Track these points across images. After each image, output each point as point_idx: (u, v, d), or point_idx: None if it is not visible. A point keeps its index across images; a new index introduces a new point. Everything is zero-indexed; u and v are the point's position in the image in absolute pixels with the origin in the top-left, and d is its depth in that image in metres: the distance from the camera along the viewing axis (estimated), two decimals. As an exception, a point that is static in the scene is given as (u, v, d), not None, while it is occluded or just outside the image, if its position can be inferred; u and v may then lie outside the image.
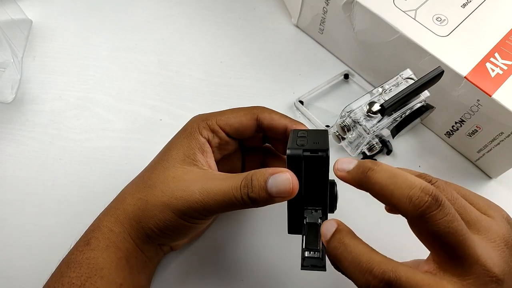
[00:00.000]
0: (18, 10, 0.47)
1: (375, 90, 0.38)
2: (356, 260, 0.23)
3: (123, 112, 0.44)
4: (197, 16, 0.51)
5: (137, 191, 0.29)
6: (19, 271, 0.36)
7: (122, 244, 0.29)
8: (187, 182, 0.28)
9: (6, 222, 0.38)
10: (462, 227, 0.22)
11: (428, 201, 0.22)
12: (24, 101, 0.44)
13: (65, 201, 0.39)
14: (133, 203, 0.29)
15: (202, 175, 0.28)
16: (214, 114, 0.32)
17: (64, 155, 0.41)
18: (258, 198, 0.26)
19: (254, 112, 0.32)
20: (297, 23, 0.50)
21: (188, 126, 0.32)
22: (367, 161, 0.25)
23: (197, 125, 0.31)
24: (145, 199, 0.28)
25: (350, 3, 0.41)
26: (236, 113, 0.32)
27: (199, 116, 0.32)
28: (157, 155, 0.32)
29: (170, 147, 0.31)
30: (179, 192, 0.27)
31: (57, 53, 0.47)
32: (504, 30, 0.39)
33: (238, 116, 0.32)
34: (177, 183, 0.28)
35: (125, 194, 0.31)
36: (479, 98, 0.37)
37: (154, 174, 0.29)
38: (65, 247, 0.37)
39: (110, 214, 0.30)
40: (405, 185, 0.23)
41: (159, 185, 0.28)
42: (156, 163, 0.31)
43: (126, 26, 0.50)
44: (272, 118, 0.32)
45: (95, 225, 0.30)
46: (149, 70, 0.47)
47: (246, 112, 0.32)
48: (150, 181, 0.29)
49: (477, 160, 0.42)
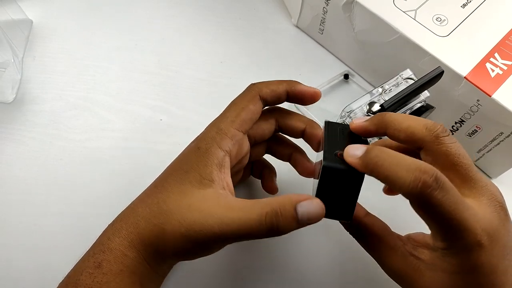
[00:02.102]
0: (19, 10, 0.47)
1: (375, 90, 0.38)
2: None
3: (123, 112, 0.44)
4: (197, 16, 0.51)
5: (153, 216, 0.27)
6: (19, 271, 0.36)
7: (137, 269, 0.27)
8: (204, 214, 0.26)
9: (6, 222, 0.38)
10: (460, 200, 0.23)
11: (430, 183, 0.23)
12: (25, 101, 0.44)
13: (65, 201, 0.39)
14: (149, 229, 0.27)
15: (219, 204, 0.27)
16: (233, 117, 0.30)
17: (64, 155, 0.41)
18: (286, 230, 0.25)
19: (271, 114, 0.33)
20: (297, 23, 0.50)
21: (206, 136, 0.29)
22: (373, 148, 0.25)
23: (216, 135, 0.29)
24: (161, 227, 0.27)
25: (350, 3, 0.41)
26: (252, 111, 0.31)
27: (218, 123, 0.30)
28: (171, 167, 0.30)
29: (186, 167, 0.28)
30: (197, 225, 0.26)
31: (57, 53, 0.47)
32: (504, 30, 0.39)
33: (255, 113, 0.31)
34: (194, 213, 0.26)
35: (138, 216, 0.28)
36: (479, 98, 0.37)
37: (169, 199, 0.27)
38: (65, 247, 0.37)
39: (122, 236, 0.28)
40: (407, 167, 0.23)
41: (176, 214, 0.27)
42: (171, 183, 0.28)
43: (126, 26, 0.50)
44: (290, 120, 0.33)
45: (105, 246, 0.27)
46: (149, 70, 0.47)
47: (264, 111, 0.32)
48: (165, 207, 0.27)
49: (477, 160, 0.42)
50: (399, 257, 0.26)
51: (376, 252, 0.28)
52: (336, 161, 0.26)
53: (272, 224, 0.25)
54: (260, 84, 0.31)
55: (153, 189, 0.29)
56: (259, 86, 0.31)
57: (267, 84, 0.31)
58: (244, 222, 0.25)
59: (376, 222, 0.28)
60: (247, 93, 0.31)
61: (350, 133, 0.29)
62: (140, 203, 0.29)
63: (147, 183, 0.31)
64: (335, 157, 0.26)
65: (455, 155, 0.25)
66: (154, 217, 0.27)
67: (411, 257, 0.26)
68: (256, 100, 0.30)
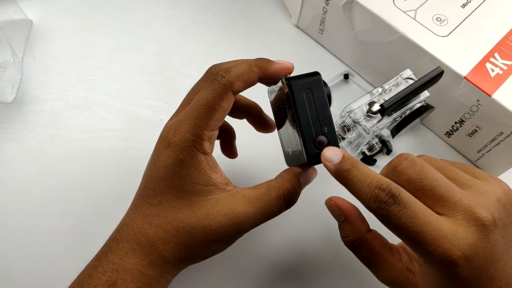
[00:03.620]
0: (19, 10, 0.47)
1: (375, 90, 0.38)
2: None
3: (123, 112, 0.44)
4: (197, 16, 0.51)
5: (171, 236, 0.27)
6: (19, 271, 0.36)
7: (157, 283, 0.28)
8: (230, 216, 0.27)
9: (6, 222, 0.38)
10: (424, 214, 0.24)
11: (386, 199, 0.24)
12: (25, 101, 0.44)
13: (65, 201, 0.39)
14: (171, 247, 0.27)
15: (237, 202, 0.27)
16: (201, 117, 0.27)
17: (64, 155, 0.41)
18: (297, 198, 0.29)
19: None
20: (297, 23, 0.50)
21: (183, 145, 0.27)
22: (347, 160, 0.27)
23: (194, 142, 0.27)
24: (186, 243, 0.27)
25: (350, 3, 0.41)
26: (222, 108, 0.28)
27: (190, 126, 0.27)
28: (154, 184, 0.28)
29: (179, 181, 0.27)
30: (227, 228, 0.27)
31: (57, 53, 0.48)
32: (504, 30, 0.39)
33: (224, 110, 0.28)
34: (218, 219, 0.27)
35: (153, 238, 0.27)
36: (479, 98, 0.37)
37: (181, 215, 0.27)
38: (65, 248, 0.37)
39: (139, 257, 0.27)
40: (369, 184, 0.25)
41: (197, 227, 0.27)
42: (171, 201, 0.28)
43: (126, 26, 0.50)
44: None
45: (118, 265, 0.27)
46: (149, 70, 0.47)
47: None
48: (182, 224, 0.27)
49: (477, 160, 0.42)
50: (396, 273, 0.27)
51: (374, 267, 0.28)
52: (316, 148, 0.28)
53: (290, 202, 0.29)
54: (229, 75, 0.27)
55: (150, 208, 0.28)
56: (229, 80, 0.27)
57: (237, 74, 0.27)
58: (267, 210, 0.28)
59: (377, 238, 0.28)
60: (217, 87, 0.27)
61: (319, 99, 0.28)
62: (146, 224, 0.27)
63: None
64: (314, 146, 0.28)
65: (417, 180, 0.25)
66: (174, 237, 0.27)
67: (407, 271, 0.26)
68: (229, 97, 0.27)
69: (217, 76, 0.28)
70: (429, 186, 0.25)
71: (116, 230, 0.29)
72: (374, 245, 0.28)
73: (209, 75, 0.30)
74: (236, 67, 0.28)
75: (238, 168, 0.40)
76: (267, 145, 0.37)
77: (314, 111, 0.27)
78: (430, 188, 0.25)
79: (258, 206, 0.28)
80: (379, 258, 0.27)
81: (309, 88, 0.28)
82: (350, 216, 0.28)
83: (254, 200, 0.28)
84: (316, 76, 0.28)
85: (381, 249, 0.28)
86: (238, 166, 0.40)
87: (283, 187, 0.28)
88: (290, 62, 0.30)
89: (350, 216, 0.28)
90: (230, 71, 0.27)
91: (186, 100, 0.31)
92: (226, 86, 0.27)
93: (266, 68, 0.29)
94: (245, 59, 0.30)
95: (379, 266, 0.27)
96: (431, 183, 0.25)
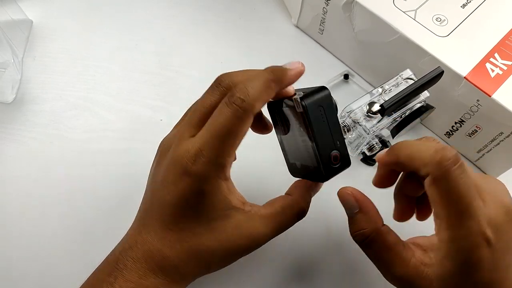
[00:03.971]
0: (19, 10, 0.47)
1: (375, 90, 0.38)
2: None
3: (123, 112, 0.44)
4: (197, 16, 0.51)
5: (194, 259, 0.27)
6: (19, 272, 0.36)
7: None
8: (252, 238, 0.28)
9: (6, 223, 0.38)
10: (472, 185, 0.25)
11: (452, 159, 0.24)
12: (25, 101, 0.44)
13: (65, 201, 0.39)
14: (197, 268, 0.28)
15: (257, 223, 0.28)
16: (218, 148, 0.26)
17: (64, 155, 0.41)
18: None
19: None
20: (297, 23, 0.50)
21: (204, 176, 0.26)
22: (393, 146, 0.28)
23: (216, 173, 0.26)
24: (207, 263, 0.28)
25: (350, 4, 0.41)
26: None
27: (208, 158, 0.26)
28: (172, 211, 0.27)
29: (201, 206, 0.27)
30: (247, 248, 0.28)
31: (57, 53, 0.47)
32: (503, 30, 0.39)
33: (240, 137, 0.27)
34: (239, 241, 0.28)
35: (173, 261, 0.27)
36: (479, 98, 0.37)
37: (202, 240, 0.27)
38: (65, 248, 0.37)
39: (160, 276, 0.27)
40: (429, 149, 0.25)
41: (219, 250, 0.27)
42: (191, 226, 0.27)
43: (126, 26, 0.50)
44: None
45: (137, 283, 0.26)
46: (149, 70, 0.47)
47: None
48: (204, 247, 0.27)
49: (477, 160, 0.42)
50: (410, 268, 0.26)
51: (386, 264, 0.27)
52: (331, 163, 0.28)
53: (302, 216, 0.30)
54: (249, 98, 0.25)
55: (170, 232, 0.27)
56: (251, 103, 0.25)
57: (257, 96, 0.26)
58: (283, 227, 0.29)
59: (391, 232, 0.28)
60: (238, 113, 0.25)
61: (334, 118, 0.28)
62: (166, 248, 0.27)
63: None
64: (330, 161, 0.28)
65: (461, 191, 0.25)
66: (195, 259, 0.27)
67: (421, 266, 0.26)
68: (250, 120, 0.26)
69: (236, 99, 0.25)
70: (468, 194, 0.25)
71: (129, 247, 0.27)
72: (388, 239, 0.27)
73: (221, 88, 0.27)
74: (253, 86, 0.26)
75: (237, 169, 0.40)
76: (266, 144, 0.37)
77: (326, 127, 0.28)
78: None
79: (275, 226, 0.29)
80: (392, 253, 0.27)
81: (321, 106, 0.28)
82: (366, 207, 0.28)
83: (271, 220, 0.29)
84: (325, 92, 0.28)
85: (395, 244, 0.27)
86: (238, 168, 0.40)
87: (297, 205, 0.29)
88: (301, 63, 0.29)
89: (366, 207, 0.28)
90: (249, 93, 0.25)
91: (194, 113, 0.28)
92: (248, 110, 0.25)
93: (283, 80, 0.28)
94: (257, 70, 0.28)
95: (392, 262, 0.27)
96: (472, 174, 0.26)
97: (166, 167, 0.27)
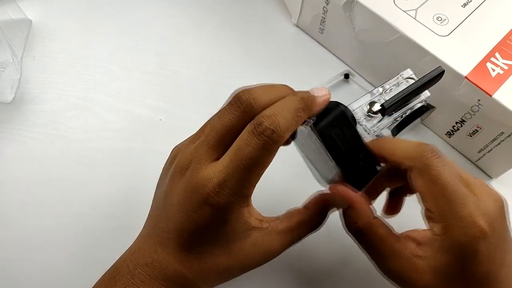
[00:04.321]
0: (18, 10, 0.47)
1: (375, 90, 0.37)
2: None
3: (123, 112, 0.44)
4: (197, 16, 0.51)
5: (212, 278, 0.28)
6: (19, 272, 0.36)
7: None
8: (267, 255, 0.28)
9: (6, 223, 0.38)
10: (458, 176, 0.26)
11: (433, 152, 0.26)
12: (24, 101, 0.44)
13: (65, 201, 0.39)
14: (214, 284, 0.29)
15: (274, 240, 0.28)
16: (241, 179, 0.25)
17: (64, 155, 0.41)
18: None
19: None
20: (297, 23, 0.50)
21: (228, 207, 0.25)
22: (374, 142, 0.29)
23: (240, 202, 0.26)
24: (224, 279, 0.29)
25: (350, 3, 0.41)
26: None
27: (233, 190, 0.25)
28: (201, 241, 0.26)
29: (223, 229, 0.26)
30: (261, 262, 0.28)
31: (57, 53, 0.47)
32: (504, 30, 0.39)
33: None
34: (256, 257, 0.28)
35: (193, 280, 0.27)
36: (480, 98, 0.37)
37: (221, 260, 0.27)
38: (65, 248, 0.37)
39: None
40: (410, 144, 0.27)
41: (235, 268, 0.28)
42: (211, 248, 0.27)
43: (126, 26, 0.50)
44: None
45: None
46: (149, 70, 0.47)
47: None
48: (222, 267, 0.27)
49: (477, 160, 0.42)
50: (403, 260, 0.26)
51: (379, 256, 0.27)
52: (357, 173, 0.29)
53: (318, 229, 0.30)
54: (279, 130, 0.24)
55: (189, 255, 0.27)
56: (280, 135, 0.24)
57: (287, 127, 0.24)
58: (298, 239, 0.29)
59: (383, 224, 0.28)
60: (267, 145, 0.24)
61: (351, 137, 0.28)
62: (185, 269, 0.27)
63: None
64: (356, 171, 0.29)
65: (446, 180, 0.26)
66: (213, 277, 0.28)
67: (415, 258, 0.26)
68: (276, 151, 0.25)
69: (265, 130, 0.24)
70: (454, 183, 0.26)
71: (144, 264, 0.26)
72: (380, 231, 0.27)
73: (242, 107, 0.26)
74: (284, 116, 0.24)
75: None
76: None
77: (346, 144, 0.27)
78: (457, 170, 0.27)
79: (290, 240, 0.29)
80: (385, 245, 0.27)
81: (336, 126, 0.27)
82: (356, 202, 0.28)
83: (288, 234, 0.29)
84: (339, 110, 0.27)
85: (387, 236, 0.27)
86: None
87: (313, 221, 0.29)
88: (327, 90, 0.27)
89: (356, 202, 0.28)
90: (279, 124, 0.24)
91: (212, 132, 0.26)
92: (278, 142, 0.24)
93: (312, 110, 0.26)
94: (281, 88, 0.27)
95: (385, 254, 0.27)
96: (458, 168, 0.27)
97: (183, 192, 0.26)
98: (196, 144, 0.27)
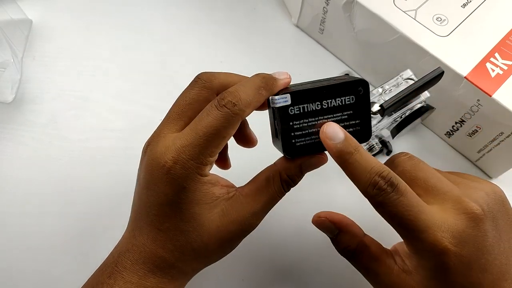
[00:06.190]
0: (18, 10, 0.47)
1: (375, 90, 0.37)
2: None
3: (123, 112, 0.44)
4: (197, 16, 0.51)
5: (189, 255, 0.27)
6: (19, 272, 0.36)
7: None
8: (241, 224, 0.28)
9: (6, 223, 0.38)
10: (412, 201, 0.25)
11: (385, 187, 0.25)
12: (24, 101, 0.44)
13: (65, 201, 0.39)
14: (195, 263, 0.28)
15: (244, 206, 0.28)
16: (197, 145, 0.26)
17: (64, 155, 0.41)
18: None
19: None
20: (297, 23, 0.50)
21: (184, 173, 0.26)
22: (350, 141, 0.26)
23: (197, 169, 0.26)
24: (204, 256, 0.28)
25: (350, 3, 0.41)
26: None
27: (190, 156, 0.25)
28: (156, 210, 0.27)
29: (185, 205, 0.26)
30: (239, 233, 0.28)
31: (57, 53, 0.47)
32: (504, 30, 0.39)
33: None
34: (230, 227, 0.27)
35: (171, 260, 0.27)
36: (479, 98, 0.37)
37: (193, 236, 0.27)
38: (65, 248, 0.37)
39: (159, 276, 0.27)
40: (369, 170, 0.25)
41: (211, 243, 0.27)
42: (179, 224, 0.27)
43: (126, 26, 0.50)
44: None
45: (138, 284, 0.27)
46: (149, 70, 0.47)
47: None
48: (196, 244, 0.27)
49: (477, 160, 0.42)
50: (394, 276, 0.27)
51: (373, 273, 0.28)
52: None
53: (290, 186, 0.28)
54: (240, 103, 0.26)
55: (160, 233, 0.27)
56: (242, 108, 0.26)
57: (249, 102, 0.26)
58: (271, 201, 0.28)
59: (373, 242, 0.29)
60: (229, 116, 0.25)
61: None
62: (159, 249, 0.27)
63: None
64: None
65: (411, 171, 0.27)
66: (191, 255, 0.27)
67: (403, 273, 0.27)
68: (238, 124, 0.26)
69: (227, 102, 0.25)
70: (422, 177, 0.27)
71: (126, 250, 0.27)
72: (372, 249, 0.28)
73: (200, 81, 0.28)
74: (245, 91, 0.26)
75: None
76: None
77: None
78: (423, 179, 0.27)
79: (262, 201, 0.28)
80: (378, 262, 0.28)
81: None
82: (345, 226, 0.29)
83: (257, 195, 0.28)
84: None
85: (379, 253, 0.28)
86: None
87: (284, 171, 0.28)
88: (288, 74, 0.28)
89: (346, 226, 0.29)
90: (241, 98, 0.26)
91: (172, 108, 0.29)
92: (238, 115, 0.26)
93: (272, 89, 0.27)
94: (241, 76, 0.29)
95: (379, 271, 0.27)
96: (425, 175, 0.27)
97: (146, 167, 0.27)
98: (160, 122, 0.28)
